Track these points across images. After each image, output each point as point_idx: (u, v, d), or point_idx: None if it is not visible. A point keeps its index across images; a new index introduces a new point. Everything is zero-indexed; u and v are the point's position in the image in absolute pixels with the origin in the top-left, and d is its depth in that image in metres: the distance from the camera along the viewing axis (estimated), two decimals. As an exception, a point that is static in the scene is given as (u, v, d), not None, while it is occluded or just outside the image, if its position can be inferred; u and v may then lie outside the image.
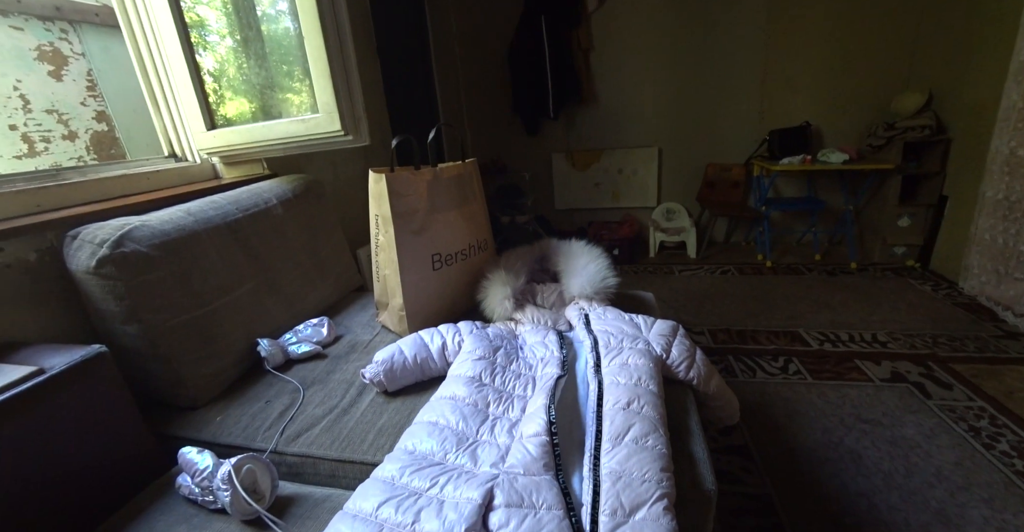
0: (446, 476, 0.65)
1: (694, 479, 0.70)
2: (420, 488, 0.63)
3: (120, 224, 0.94)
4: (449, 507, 0.59)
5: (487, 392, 0.83)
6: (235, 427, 0.92)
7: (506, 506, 0.59)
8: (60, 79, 1.49)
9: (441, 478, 0.64)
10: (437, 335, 1.01)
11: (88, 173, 1.22)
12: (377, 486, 0.64)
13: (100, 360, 0.76)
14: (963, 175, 2.43)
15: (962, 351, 1.84)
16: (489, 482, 0.62)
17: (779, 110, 3.00)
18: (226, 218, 1.15)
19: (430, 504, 0.60)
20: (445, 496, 0.62)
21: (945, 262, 2.57)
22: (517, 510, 0.58)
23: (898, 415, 1.50)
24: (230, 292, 1.10)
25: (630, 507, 0.59)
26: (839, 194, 2.91)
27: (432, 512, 0.58)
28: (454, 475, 0.65)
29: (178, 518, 0.71)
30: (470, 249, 1.22)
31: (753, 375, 1.77)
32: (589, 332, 0.95)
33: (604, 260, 1.16)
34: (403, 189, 1.06)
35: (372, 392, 0.97)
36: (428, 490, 0.63)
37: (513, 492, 0.61)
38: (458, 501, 0.60)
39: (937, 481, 1.25)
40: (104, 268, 0.88)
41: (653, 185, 3.34)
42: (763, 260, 2.94)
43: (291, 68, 1.35)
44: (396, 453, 0.72)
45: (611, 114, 3.27)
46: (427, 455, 0.71)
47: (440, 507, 0.59)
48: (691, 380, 0.90)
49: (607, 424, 0.71)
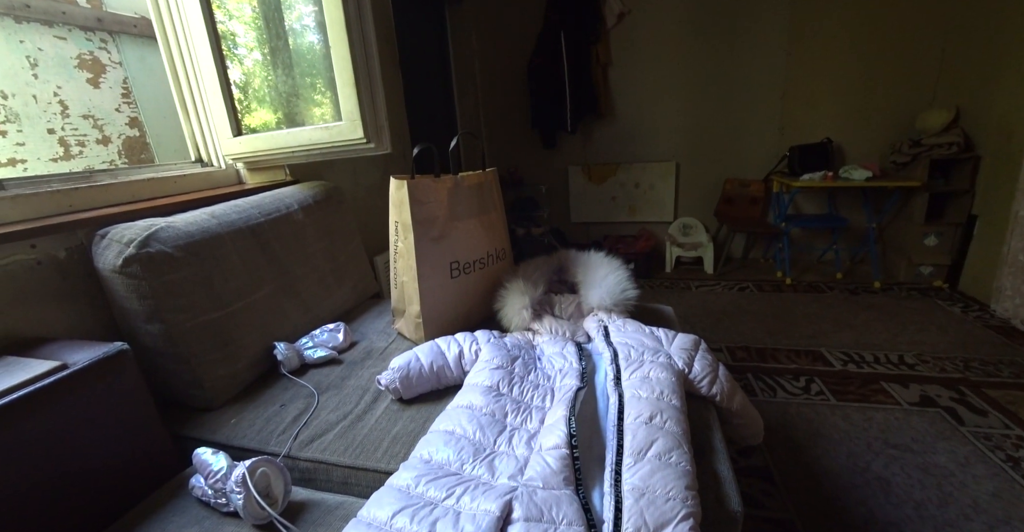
0: (463, 487, 0.63)
1: (719, 499, 0.67)
2: (436, 498, 0.62)
3: (147, 225, 0.96)
4: (466, 519, 0.57)
5: (505, 402, 0.81)
6: (249, 430, 0.92)
7: (525, 520, 0.57)
8: (97, 86, 1.54)
9: (458, 488, 0.63)
10: (454, 343, 1.00)
11: (119, 176, 1.25)
12: (392, 494, 0.63)
13: (122, 357, 0.77)
14: (994, 193, 2.37)
15: (996, 376, 1.76)
16: (507, 494, 0.61)
17: (800, 126, 2.97)
18: (248, 222, 1.17)
19: (446, 515, 0.58)
20: (462, 507, 0.60)
21: (975, 283, 2.48)
22: (536, 525, 0.56)
23: (929, 442, 1.44)
24: (250, 295, 1.11)
25: (654, 526, 0.56)
26: (861, 212, 2.85)
27: (448, 523, 0.56)
28: (471, 486, 0.63)
29: (190, 520, 0.70)
30: (488, 258, 1.21)
31: (774, 394, 1.72)
32: (609, 344, 0.93)
33: (624, 272, 1.14)
34: (424, 196, 1.06)
35: (387, 399, 0.96)
36: (444, 500, 0.61)
37: (532, 506, 0.59)
38: (475, 512, 0.58)
39: (974, 513, 1.18)
40: (130, 267, 0.89)
41: (670, 200, 3.32)
42: (782, 277, 2.88)
43: (315, 80, 1.39)
44: (411, 461, 0.71)
45: (629, 128, 3.28)
46: (443, 465, 0.69)
47: (457, 518, 0.57)
48: (714, 396, 0.87)
49: (628, 438, 0.68)
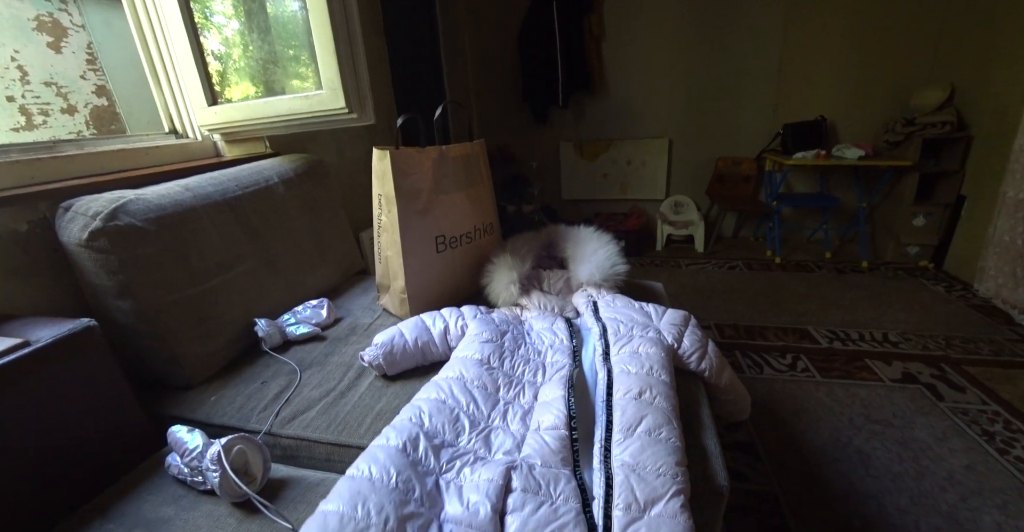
0: (461, 460, 0.62)
1: (706, 474, 0.67)
2: (434, 467, 0.61)
3: (115, 197, 0.91)
4: (470, 489, 0.56)
5: (497, 375, 0.80)
6: (229, 407, 0.90)
7: (523, 490, 0.57)
8: (59, 51, 1.45)
9: (457, 462, 0.62)
10: (439, 318, 0.98)
11: (85, 146, 1.19)
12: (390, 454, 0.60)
13: (89, 334, 0.74)
14: (983, 174, 2.37)
15: (976, 354, 1.80)
16: (506, 465, 0.60)
17: (794, 103, 2.93)
18: (225, 195, 1.12)
19: (448, 487, 0.57)
20: (463, 480, 0.59)
21: (960, 263, 2.51)
22: (534, 496, 0.56)
23: (909, 417, 1.47)
24: (228, 270, 1.07)
25: (644, 502, 0.56)
26: (853, 191, 2.85)
27: (453, 495, 0.56)
28: (469, 459, 0.63)
29: (166, 498, 0.69)
30: (475, 232, 1.18)
31: (760, 371, 1.74)
32: (597, 319, 0.92)
33: (614, 247, 1.12)
34: (408, 168, 1.02)
35: (371, 376, 0.95)
36: (444, 472, 0.60)
37: (531, 478, 0.58)
38: (478, 483, 0.57)
39: (949, 485, 1.21)
40: (97, 241, 0.85)
41: (662, 177, 3.28)
42: (772, 256, 2.89)
43: (294, 47, 1.31)
44: (401, 423, 0.68)
45: (622, 104, 3.21)
46: (437, 432, 0.67)
47: (460, 491, 0.56)
48: (703, 372, 0.87)
49: (618, 414, 0.67)
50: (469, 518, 0.53)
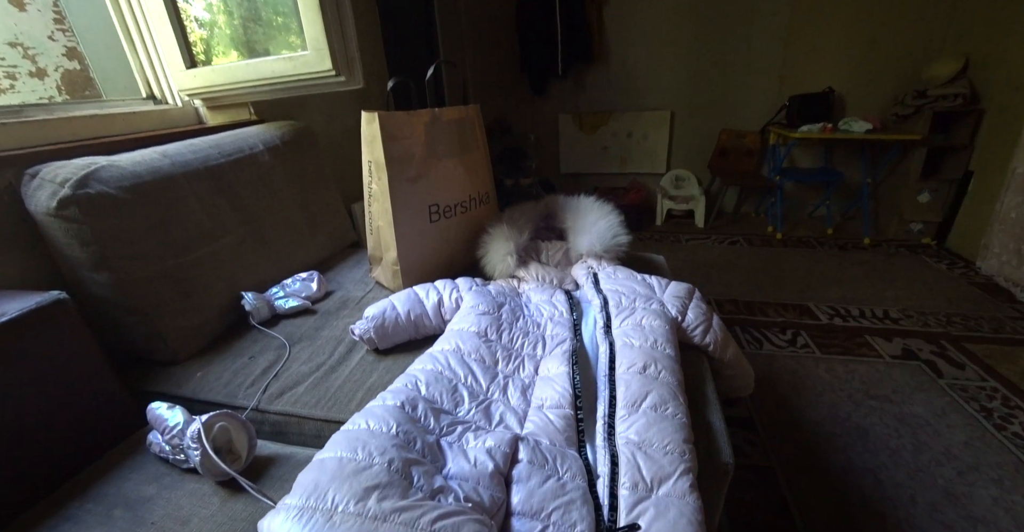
0: (463, 426, 0.59)
1: (710, 451, 0.65)
2: (435, 427, 0.57)
3: (85, 163, 0.86)
4: (475, 451, 0.54)
5: (495, 348, 0.76)
6: (216, 383, 0.87)
7: (529, 462, 0.54)
8: (23, 8, 1.35)
9: (459, 427, 0.58)
10: (433, 291, 0.94)
11: (55, 111, 1.11)
12: (389, 411, 0.56)
13: (59, 307, 0.69)
14: (993, 149, 2.31)
15: (976, 331, 1.78)
16: (513, 435, 0.57)
17: (801, 75, 2.83)
18: (207, 163, 1.06)
19: (452, 447, 0.54)
20: (466, 444, 0.56)
21: (963, 240, 2.48)
22: (540, 469, 0.53)
23: (908, 393, 1.46)
24: (212, 242, 1.02)
25: (652, 481, 0.53)
26: (858, 166, 2.78)
27: (458, 454, 0.53)
28: (471, 427, 0.59)
29: (149, 477, 0.66)
30: (471, 201, 1.13)
31: (760, 347, 1.72)
32: (598, 291, 0.88)
33: (615, 217, 1.08)
34: (398, 132, 0.96)
35: (362, 350, 0.91)
36: (445, 435, 0.57)
37: (537, 452, 0.56)
38: (483, 448, 0.55)
39: (946, 460, 1.21)
40: (67, 210, 0.80)
41: (663, 151, 3.20)
42: (773, 232, 2.85)
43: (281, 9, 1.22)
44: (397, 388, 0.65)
45: (623, 74, 3.10)
46: (434, 401, 0.64)
47: (464, 452, 0.54)
48: (707, 346, 0.84)
49: (621, 389, 0.64)
50: (477, 474, 0.50)
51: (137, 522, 0.58)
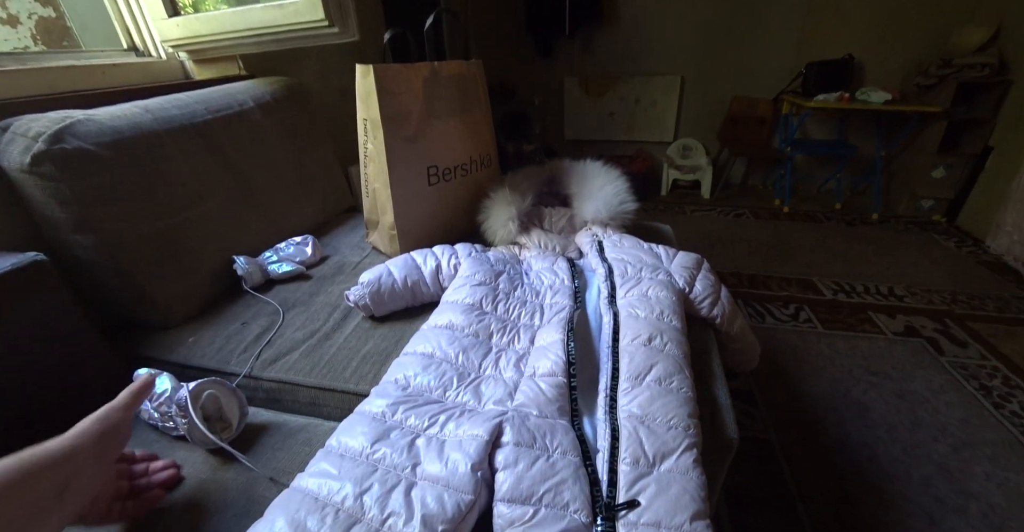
0: (446, 414, 0.57)
1: (715, 425, 0.63)
2: (418, 427, 0.55)
3: (59, 117, 0.80)
4: (452, 446, 0.51)
5: (489, 321, 0.73)
6: (208, 349, 0.84)
7: (515, 444, 0.51)
8: (-8, -56, 1.24)
9: (441, 416, 0.56)
10: (431, 256, 0.91)
11: (28, 61, 1.04)
12: (365, 422, 0.56)
13: (37, 269, 0.66)
14: (1017, 124, 2.22)
15: (981, 310, 1.76)
16: (497, 418, 0.54)
17: (821, 40, 2.69)
18: (192, 119, 1.00)
19: (430, 444, 0.52)
20: (447, 435, 0.54)
21: (974, 218, 2.42)
22: (528, 450, 0.51)
23: (908, 369, 1.45)
24: (201, 203, 0.97)
25: (654, 456, 0.51)
26: (872, 140, 2.69)
27: (433, 452, 0.50)
28: (455, 413, 0.57)
29: (138, 444, 0.64)
30: (471, 164, 1.07)
31: (762, 321, 1.70)
32: (603, 260, 0.84)
33: (622, 183, 1.03)
34: (395, 87, 0.90)
35: (358, 317, 0.89)
36: (427, 429, 0.55)
37: (524, 430, 0.53)
38: (462, 439, 0.52)
39: (942, 436, 1.21)
40: (41, 166, 0.75)
41: (671, 118, 3.09)
42: (780, 205, 2.79)
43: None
44: (384, 387, 0.63)
45: (633, 36, 2.95)
46: (423, 391, 0.62)
47: (441, 448, 0.51)
48: (714, 318, 0.81)
49: (625, 361, 0.62)
50: (447, 477, 0.48)
51: (127, 488, 0.57)
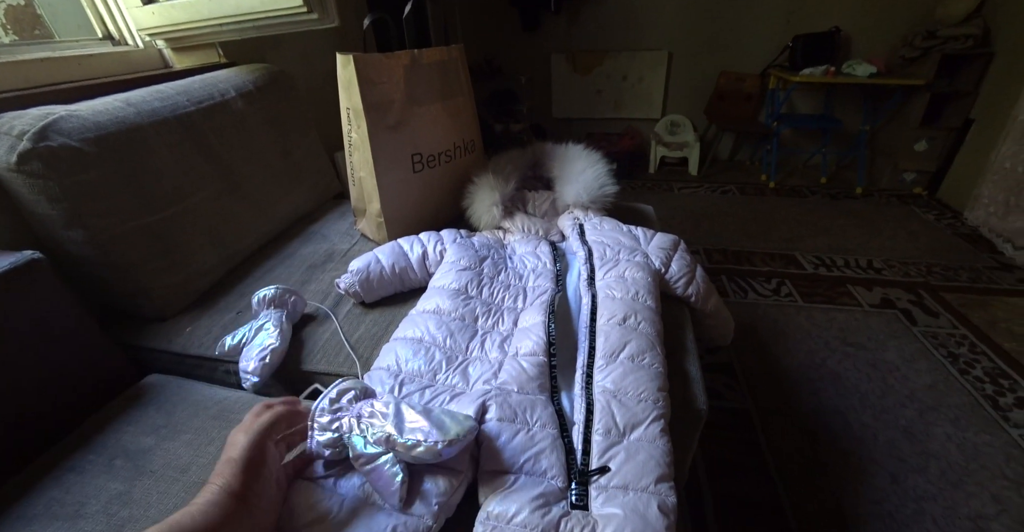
0: (438, 399, 0.61)
1: (686, 397, 0.68)
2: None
3: (41, 114, 0.80)
4: None
5: (475, 305, 0.77)
6: (206, 338, 0.87)
7: (498, 420, 0.56)
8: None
9: (433, 401, 0.60)
10: (417, 243, 0.93)
11: (1, 54, 1.03)
12: None
13: (34, 267, 0.68)
14: (997, 96, 2.24)
15: (954, 281, 1.83)
16: (481, 397, 0.59)
17: (809, 11, 2.67)
18: (175, 111, 1.00)
19: None
20: None
21: (954, 191, 2.47)
22: (509, 425, 0.55)
23: (882, 340, 1.52)
24: (188, 197, 0.98)
25: (624, 426, 0.56)
26: (858, 114, 2.71)
27: None
28: (446, 397, 0.61)
29: (146, 428, 0.68)
30: (455, 150, 1.09)
31: (745, 296, 1.76)
32: (583, 243, 0.88)
33: (602, 166, 1.05)
34: (376, 75, 0.90)
35: (349, 303, 0.92)
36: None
37: (506, 406, 0.57)
38: None
39: (909, 402, 1.28)
40: (28, 165, 0.75)
41: (659, 94, 3.08)
42: (766, 181, 2.82)
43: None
44: (376, 374, 0.67)
45: (619, 9, 2.90)
46: (414, 376, 0.66)
47: None
48: (689, 297, 0.85)
49: (601, 340, 0.66)
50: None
51: (138, 471, 0.61)
